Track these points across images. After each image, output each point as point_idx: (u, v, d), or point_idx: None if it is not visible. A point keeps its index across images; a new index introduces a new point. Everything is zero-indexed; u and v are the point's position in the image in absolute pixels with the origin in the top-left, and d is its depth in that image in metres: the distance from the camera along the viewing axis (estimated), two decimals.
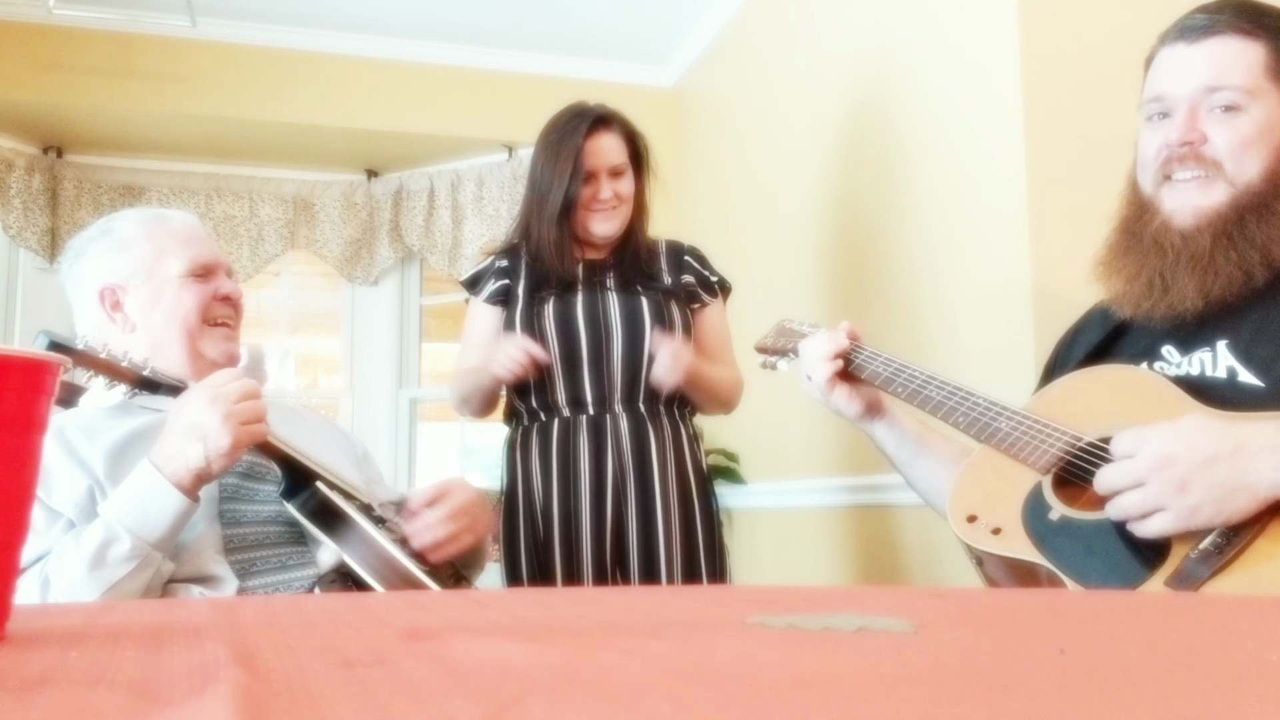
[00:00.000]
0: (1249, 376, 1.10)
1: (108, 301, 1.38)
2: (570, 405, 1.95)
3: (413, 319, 3.94)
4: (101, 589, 1.10)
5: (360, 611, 0.68)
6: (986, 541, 1.09)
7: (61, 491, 1.20)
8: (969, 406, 1.22)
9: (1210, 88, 1.14)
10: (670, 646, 0.49)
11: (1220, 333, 1.15)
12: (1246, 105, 1.13)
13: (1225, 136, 1.13)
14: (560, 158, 1.95)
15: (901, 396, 1.29)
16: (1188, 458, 0.95)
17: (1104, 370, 1.21)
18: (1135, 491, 0.99)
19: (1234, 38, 1.14)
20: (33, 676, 0.41)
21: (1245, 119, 1.13)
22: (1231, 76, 1.13)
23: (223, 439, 1.15)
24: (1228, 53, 1.14)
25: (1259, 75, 1.13)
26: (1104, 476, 1.02)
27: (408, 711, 0.33)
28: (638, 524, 1.92)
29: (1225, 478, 0.94)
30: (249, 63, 3.42)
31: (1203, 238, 1.14)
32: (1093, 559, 1.01)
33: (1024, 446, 1.15)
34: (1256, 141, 1.13)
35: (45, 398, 0.53)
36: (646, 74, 3.73)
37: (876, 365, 1.34)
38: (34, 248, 3.41)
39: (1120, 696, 0.36)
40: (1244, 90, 1.13)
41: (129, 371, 1.20)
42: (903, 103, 2.26)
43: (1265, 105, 1.14)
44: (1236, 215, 1.13)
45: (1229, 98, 1.13)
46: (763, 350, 1.54)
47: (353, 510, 1.28)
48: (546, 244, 1.97)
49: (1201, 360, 1.16)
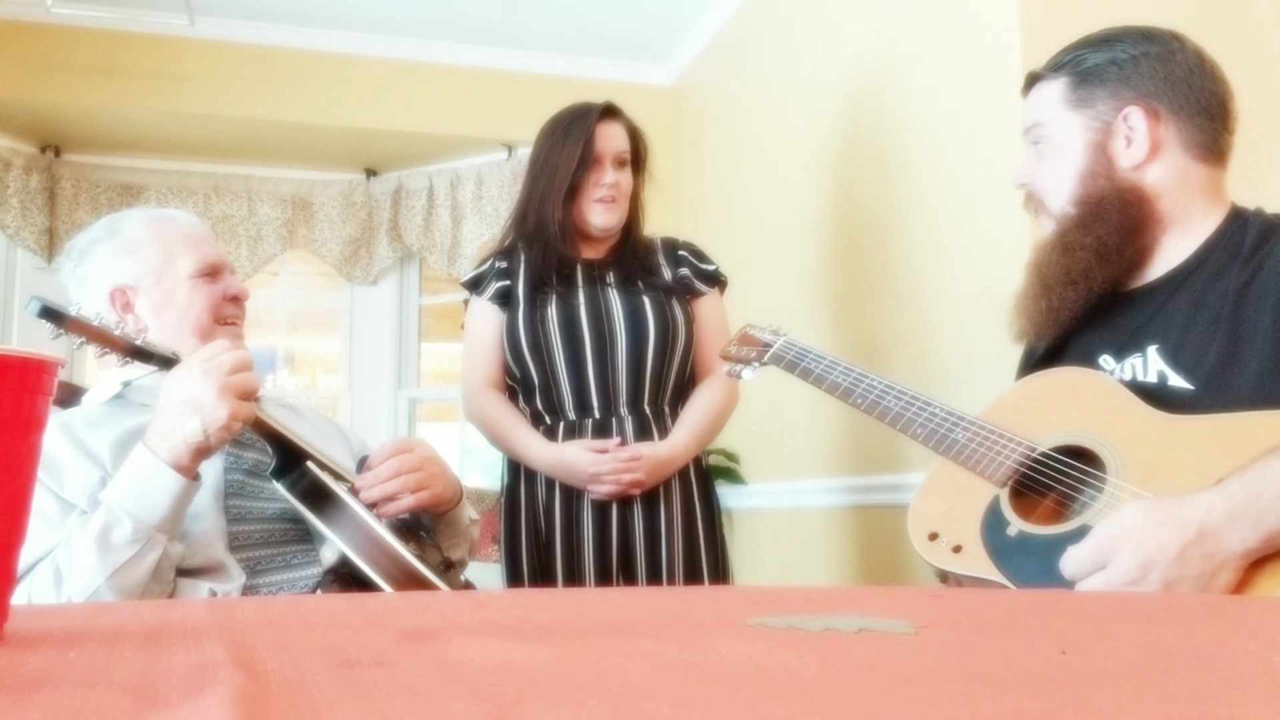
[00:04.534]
0: (1178, 380, 1.12)
1: (118, 303, 1.38)
2: (576, 409, 1.95)
3: (412, 319, 3.94)
4: (109, 572, 1.10)
5: (359, 612, 0.68)
6: (948, 560, 1.10)
7: (74, 483, 1.20)
8: (926, 417, 1.22)
9: (1027, 129, 1.29)
10: (670, 647, 0.49)
11: (1150, 339, 1.17)
12: (1048, 137, 1.25)
13: (1041, 174, 1.27)
14: (569, 141, 1.98)
15: (860, 408, 1.29)
16: (1160, 558, 0.94)
17: (1058, 374, 1.22)
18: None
19: (1044, 82, 1.28)
20: (32, 676, 0.41)
21: (1049, 149, 1.25)
22: (1036, 113, 1.28)
23: (220, 410, 1.14)
24: (1037, 96, 1.28)
25: (1058, 107, 1.25)
26: (1084, 587, 0.99)
27: (407, 712, 0.33)
28: (643, 525, 1.92)
29: (1202, 565, 0.93)
30: (247, 62, 3.41)
31: (1051, 255, 1.24)
32: (1051, 578, 1.01)
33: (980, 459, 1.15)
34: (1064, 172, 1.24)
35: (44, 398, 0.53)
36: (646, 73, 3.73)
37: (835, 375, 1.33)
38: (32, 247, 3.41)
39: (1120, 696, 0.36)
40: (1045, 125, 1.26)
41: (121, 340, 1.19)
42: (902, 100, 2.26)
43: (1066, 132, 1.25)
44: (1065, 236, 1.23)
45: (1036, 134, 1.27)
46: (727, 359, 1.55)
47: (342, 491, 1.27)
48: (550, 224, 1.97)
49: (1134, 366, 1.18)
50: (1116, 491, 1.04)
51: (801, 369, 1.38)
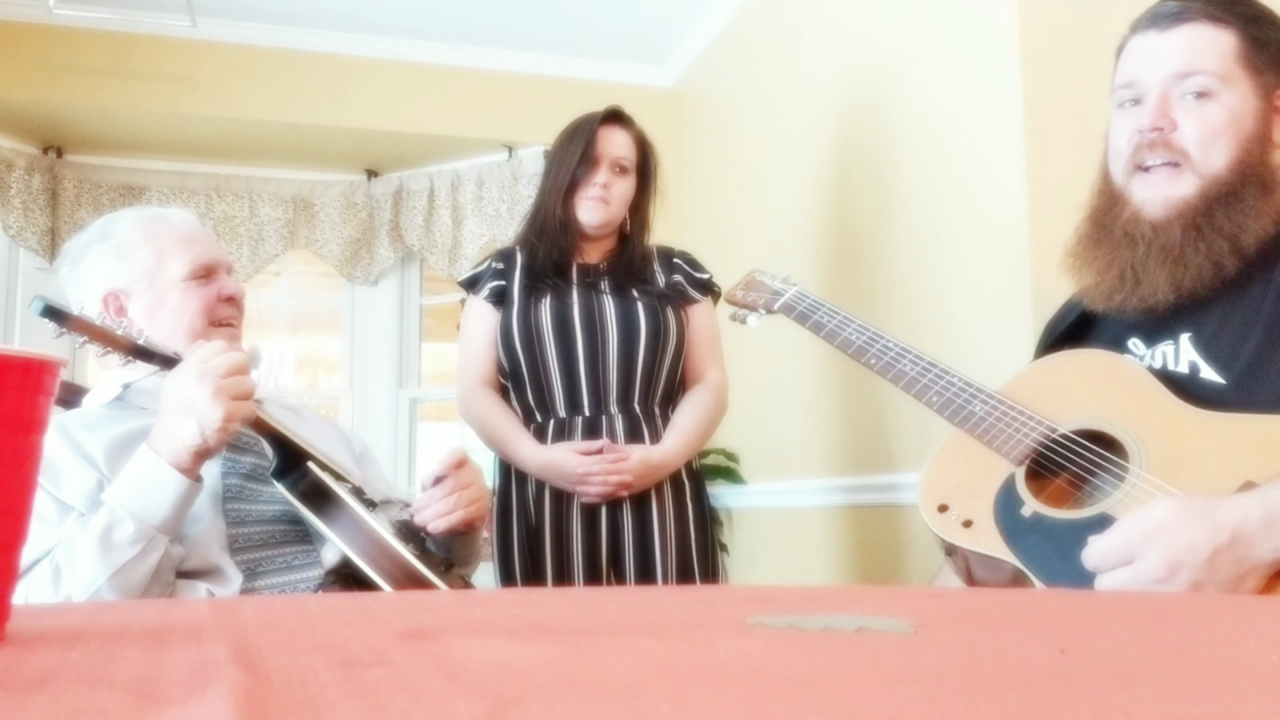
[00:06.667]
0: (1210, 373, 1.09)
1: (112, 307, 1.38)
2: (567, 407, 1.96)
3: (413, 319, 3.94)
4: (109, 573, 1.11)
5: (360, 611, 0.68)
6: (957, 534, 1.07)
7: (71, 485, 1.20)
8: (943, 385, 1.18)
9: (1182, 73, 1.13)
10: (670, 646, 0.49)
11: (1184, 326, 1.14)
12: (1218, 91, 1.13)
13: (1195, 125, 1.13)
14: (573, 142, 2.03)
15: (875, 369, 1.24)
16: (1191, 560, 0.91)
17: (1084, 355, 1.18)
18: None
19: (1206, 25, 1.14)
20: (33, 676, 0.41)
21: (1216, 106, 1.12)
22: (1203, 62, 1.13)
23: (215, 412, 1.15)
24: (1200, 39, 1.13)
25: (1230, 62, 1.13)
26: (1108, 580, 0.97)
27: (408, 711, 0.33)
28: (633, 525, 1.92)
29: (1230, 569, 0.91)
30: (249, 63, 3.41)
31: (1173, 229, 1.12)
32: (1065, 563, 0.99)
33: (998, 434, 1.11)
34: (1225, 130, 1.12)
35: (45, 397, 0.53)
36: (646, 74, 3.73)
37: (849, 332, 1.28)
38: (34, 248, 3.41)
39: (1120, 696, 0.36)
40: (1216, 76, 1.12)
41: (123, 340, 1.20)
42: (902, 101, 2.26)
43: (1237, 92, 1.13)
44: (1205, 205, 1.12)
45: (1201, 83, 1.13)
46: (732, 302, 1.50)
47: (343, 492, 1.27)
48: (552, 220, 2.00)
49: (1165, 354, 1.14)
50: (1138, 482, 1.01)
51: (813, 322, 1.33)
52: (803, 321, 1.35)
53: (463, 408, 2.04)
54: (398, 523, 1.39)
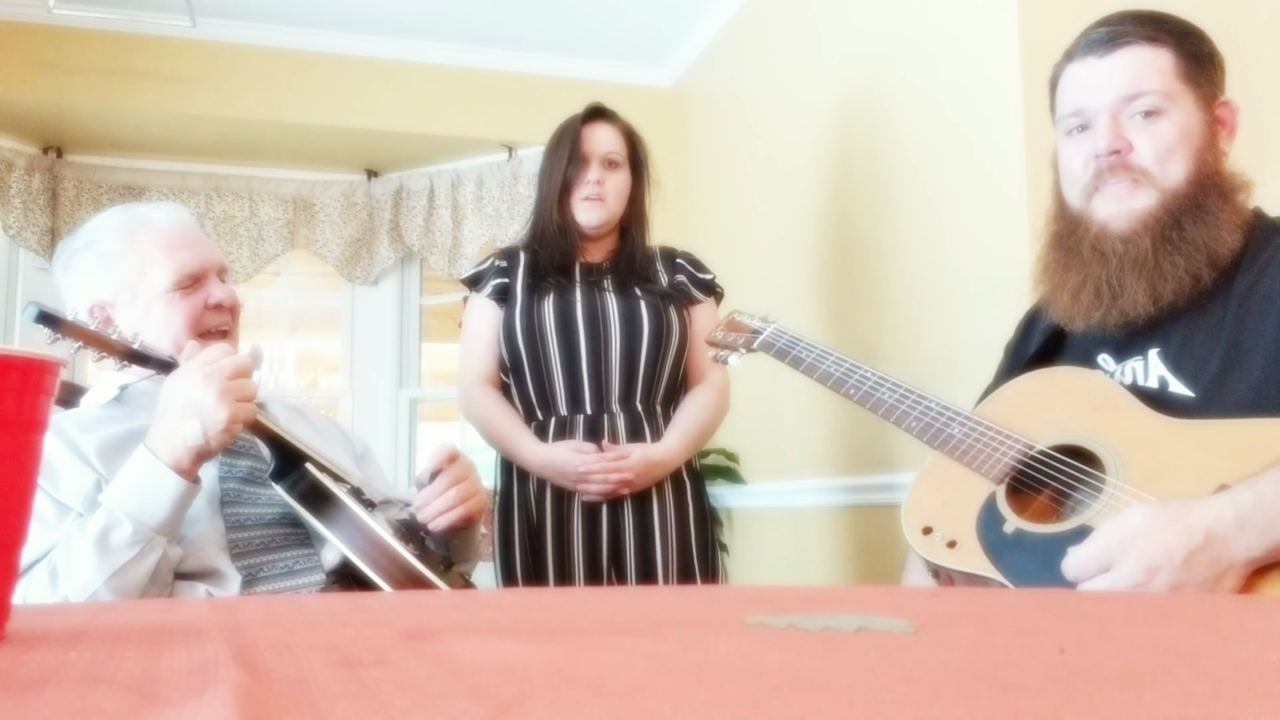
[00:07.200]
0: (1179, 386, 1.11)
1: (98, 318, 1.36)
2: (569, 404, 1.96)
3: (413, 319, 3.94)
4: (107, 574, 1.10)
5: (361, 612, 0.68)
6: (943, 555, 1.08)
7: (69, 485, 1.20)
8: (921, 411, 1.20)
9: (1129, 95, 1.16)
10: (670, 646, 0.49)
11: (1152, 342, 1.15)
12: (1166, 109, 1.15)
13: (1150, 143, 1.15)
14: (560, 145, 2.04)
15: (853, 399, 1.27)
16: (1167, 563, 0.93)
17: (1056, 373, 1.20)
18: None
19: (1143, 46, 1.16)
20: (33, 676, 0.41)
21: (1166, 123, 1.15)
22: (1148, 82, 1.15)
23: (220, 414, 1.14)
24: (1140, 60, 1.16)
25: (1172, 78, 1.15)
26: (1088, 589, 0.98)
27: (408, 711, 0.33)
28: (634, 523, 1.92)
29: (1207, 570, 0.93)
30: (249, 63, 3.42)
31: (1142, 240, 1.14)
32: (1049, 576, 1.00)
33: (977, 454, 1.13)
34: (1179, 145, 1.14)
35: (45, 397, 0.53)
36: (646, 74, 3.73)
37: (828, 365, 1.30)
38: (34, 248, 3.41)
39: (1120, 696, 0.36)
40: (1162, 94, 1.15)
41: (118, 344, 1.19)
42: (903, 102, 2.26)
43: (1183, 107, 1.15)
44: (1171, 218, 1.13)
45: (1149, 103, 1.15)
46: (713, 345, 1.53)
47: (342, 493, 1.27)
48: (550, 224, 2.01)
49: (1134, 369, 1.16)
50: (1116, 493, 1.03)
51: (792, 357, 1.36)
52: (781, 358, 1.38)
53: (464, 405, 2.04)
54: (397, 522, 1.39)
